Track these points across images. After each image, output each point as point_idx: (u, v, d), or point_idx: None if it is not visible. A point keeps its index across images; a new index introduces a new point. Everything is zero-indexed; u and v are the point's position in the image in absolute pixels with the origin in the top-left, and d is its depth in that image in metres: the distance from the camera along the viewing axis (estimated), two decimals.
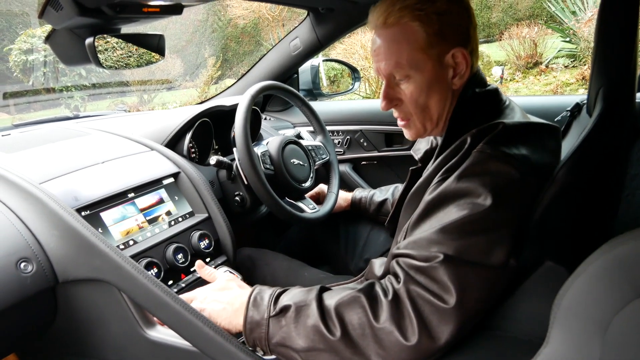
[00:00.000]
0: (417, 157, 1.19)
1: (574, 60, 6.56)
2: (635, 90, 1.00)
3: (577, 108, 1.28)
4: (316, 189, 1.66)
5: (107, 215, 1.13)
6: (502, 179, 0.85)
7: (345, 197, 1.64)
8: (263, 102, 2.18)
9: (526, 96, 4.35)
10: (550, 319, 0.56)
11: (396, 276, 0.88)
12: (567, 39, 6.55)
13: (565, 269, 0.87)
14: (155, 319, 1.07)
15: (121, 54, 1.25)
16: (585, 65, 6.21)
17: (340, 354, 0.83)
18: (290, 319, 0.88)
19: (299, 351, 0.87)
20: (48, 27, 1.09)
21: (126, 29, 1.19)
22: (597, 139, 0.95)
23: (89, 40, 1.00)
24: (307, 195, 1.54)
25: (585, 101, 1.22)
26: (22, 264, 0.97)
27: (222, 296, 0.99)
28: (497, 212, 0.84)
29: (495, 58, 7.35)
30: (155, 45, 1.29)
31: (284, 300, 0.91)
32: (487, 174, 0.86)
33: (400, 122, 1.07)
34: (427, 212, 0.91)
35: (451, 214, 0.86)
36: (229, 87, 2.09)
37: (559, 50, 6.75)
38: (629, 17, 0.93)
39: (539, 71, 6.79)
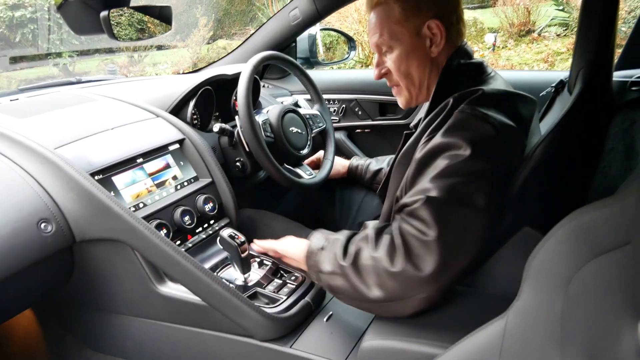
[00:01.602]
0: (412, 124, 1.28)
1: (566, 29, 6.56)
2: (612, 72, 1.08)
3: (560, 84, 1.36)
4: (316, 155, 1.73)
5: (118, 180, 1.20)
6: (480, 134, 0.97)
7: (343, 163, 1.72)
8: (262, 71, 2.22)
9: (514, 70, 4.40)
10: (523, 276, 0.66)
11: (395, 220, 1.02)
12: (561, 7, 6.54)
13: (541, 234, 0.97)
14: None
15: (112, 12, 1.28)
16: None
17: (350, 280, 1.00)
18: (325, 249, 1.08)
19: (325, 273, 1.05)
20: None
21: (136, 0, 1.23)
22: (576, 116, 1.03)
23: (103, 14, 1.05)
24: (305, 162, 1.62)
25: (568, 78, 1.29)
26: (42, 224, 1.04)
27: (295, 241, 1.22)
28: (476, 161, 0.96)
29: (488, 25, 7.31)
30: (162, 15, 1.33)
31: (332, 236, 1.10)
32: (468, 130, 0.98)
33: (393, 91, 1.22)
34: (420, 169, 1.03)
35: (438, 165, 0.99)
36: (228, 54, 2.12)
37: (552, 19, 6.74)
38: (610, 6, 1.00)
39: (531, 39, 6.78)
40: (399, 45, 1.12)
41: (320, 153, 1.74)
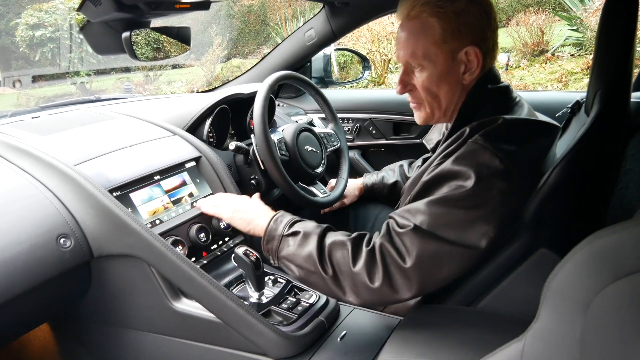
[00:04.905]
0: (429, 146, 1.28)
1: (580, 49, 6.55)
2: (630, 93, 1.08)
3: (577, 105, 1.36)
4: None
5: (136, 196, 1.22)
6: (487, 168, 0.97)
7: (357, 185, 1.71)
8: (277, 90, 2.25)
9: (529, 91, 4.40)
10: (541, 298, 0.65)
11: (381, 232, 1.05)
12: (574, 28, 6.53)
13: (558, 256, 0.96)
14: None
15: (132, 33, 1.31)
16: (591, 54, 6.21)
17: (325, 280, 1.06)
18: (296, 241, 1.11)
19: (297, 266, 1.10)
20: (55, 3, 1.16)
21: (155, 21, 1.26)
22: (592, 138, 1.03)
23: (125, 35, 1.08)
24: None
25: (584, 99, 1.29)
26: (62, 240, 1.06)
27: (249, 211, 1.23)
28: (477, 195, 0.96)
29: (501, 45, 7.31)
30: (180, 35, 1.36)
31: (297, 226, 1.13)
32: (475, 162, 0.98)
33: (412, 104, 1.18)
34: (423, 191, 1.04)
35: (441, 191, 1.00)
36: (244, 73, 2.16)
37: (565, 39, 6.73)
38: (628, 27, 1.00)
39: (544, 59, 6.78)
40: (431, 66, 1.06)
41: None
